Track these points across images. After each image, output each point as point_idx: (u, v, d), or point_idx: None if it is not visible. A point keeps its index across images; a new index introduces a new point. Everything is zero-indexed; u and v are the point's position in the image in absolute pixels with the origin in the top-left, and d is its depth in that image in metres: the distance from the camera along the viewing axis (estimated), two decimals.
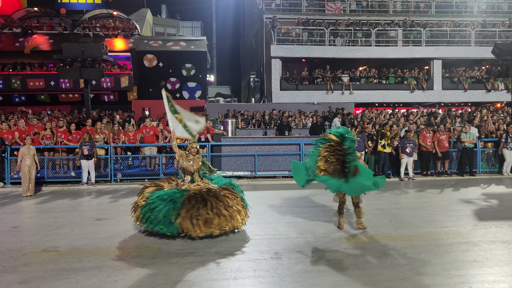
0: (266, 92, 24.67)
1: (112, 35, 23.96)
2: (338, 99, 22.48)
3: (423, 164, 13.27)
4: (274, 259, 5.66)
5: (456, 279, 4.93)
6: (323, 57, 23.23)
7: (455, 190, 10.94)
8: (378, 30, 23.71)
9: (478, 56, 23.12)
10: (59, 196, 10.66)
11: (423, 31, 23.63)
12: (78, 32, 23.96)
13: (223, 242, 6.42)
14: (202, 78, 24.00)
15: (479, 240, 6.42)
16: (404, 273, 5.13)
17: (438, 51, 23.50)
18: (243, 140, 13.70)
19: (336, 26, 23.94)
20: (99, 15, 25.20)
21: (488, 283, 4.83)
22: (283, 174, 13.37)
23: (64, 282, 4.92)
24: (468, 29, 24.14)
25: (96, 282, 4.91)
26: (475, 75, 24.22)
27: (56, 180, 12.60)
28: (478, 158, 13.64)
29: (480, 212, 8.26)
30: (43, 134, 12.66)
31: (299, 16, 24.45)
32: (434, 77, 23.68)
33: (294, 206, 9.01)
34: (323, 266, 5.36)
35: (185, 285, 4.83)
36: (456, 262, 5.48)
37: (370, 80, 23.59)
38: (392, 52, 23.47)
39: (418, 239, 6.51)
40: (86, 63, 14.12)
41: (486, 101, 23.63)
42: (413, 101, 23.68)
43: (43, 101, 22.57)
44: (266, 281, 4.95)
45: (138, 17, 27.78)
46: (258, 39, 27.72)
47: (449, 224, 7.33)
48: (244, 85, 37.97)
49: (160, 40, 24.86)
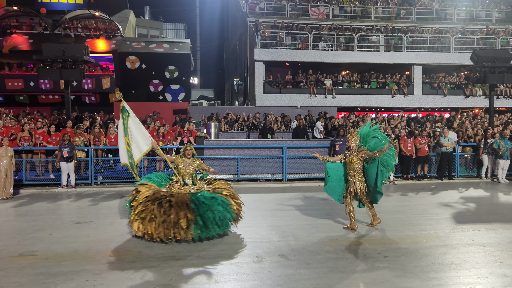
0: (249, 96, 24.70)
1: (94, 36, 23.67)
2: (321, 103, 22.65)
3: (404, 168, 13.47)
4: (256, 263, 5.65)
5: (434, 282, 5.01)
6: (306, 61, 23.40)
7: (434, 193, 11.12)
8: (360, 35, 24.02)
9: (458, 62, 23.61)
10: (37, 199, 10.45)
11: (404, 37, 24.03)
12: (59, 32, 23.59)
13: (204, 245, 6.39)
14: (185, 80, 23.89)
15: (457, 243, 6.54)
16: (384, 276, 5.19)
17: (419, 57, 23.93)
18: (226, 143, 13.69)
19: (319, 31, 24.15)
20: (80, 15, 24.86)
21: (465, 285, 4.92)
22: (265, 177, 13.39)
23: (42, 287, 4.82)
24: (448, 35, 24.65)
25: (74, 286, 4.83)
26: (454, 81, 24.72)
27: (34, 183, 12.36)
28: (457, 162, 13.92)
29: (458, 216, 8.42)
30: (21, 135, 12.40)
31: (282, 20, 24.59)
32: (414, 82, 24.09)
33: (276, 209, 9.03)
34: (304, 270, 5.38)
35: None
36: (435, 265, 5.57)
37: (353, 84, 23.84)
38: (374, 57, 23.80)
39: (398, 242, 6.59)
40: (66, 64, 13.91)
41: (465, 106, 24.13)
42: (394, 106, 24.04)
43: (22, 102, 22.13)
44: (248, 285, 4.94)
45: (120, 18, 27.51)
46: (242, 43, 27.76)
47: (428, 228, 7.45)
48: (227, 88, 37.91)
49: (143, 42, 24.67)
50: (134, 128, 7.47)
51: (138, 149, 7.47)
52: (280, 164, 13.43)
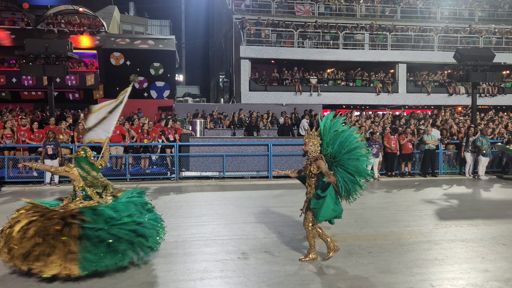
0: (235, 93, 24.66)
1: (77, 31, 23.29)
2: (306, 100, 22.74)
3: (388, 165, 13.62)
4: (241, 259, 5.66)
5: (417, 277, 5.08)
6: (292, 59, 23.44)
7: (418, 190, 11.27)
8: (345, 33, 24.15)
9: (441, 60, 23.96)
10: (20, 196, 10.24)
11: (388, 35, 24.25)
12: (41, 28, 23.14)
13: (191, 242, 6.37)
14: (170, 77, 23.72)
15: (440, 239, 6.64)
16: (368, 271, 5.24)
17: (403, 55, 24.18)
18: (212, 141, 13.64)
19: (305, 28, 24.22)
20: (64, 11, 24.44)
21: (447, 280, 5.00)
22: (251, 174, 13.39)
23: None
24: (432, 34, 24.95)
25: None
26: (438, 79, 25.06)
27: (17, 180, 12.15)
28: (440, 159, 14.12)
29: (441, 212, 8.55)
30: (3, 133, 12.18)
31: (268, 17, 24.58)
32: (399, 80, 24.35)
33: (262, 206, 9.04)
34: (290, 266, 5.41)
35: (151, 286, 4.76)
36: (418, 261, 5.65)
37: (338, 82, 23.99)
38: (359, 55, 23.97)
39: (382, 238, 6.67)
40: (50, 60, 13.68)
41: (448, 104, 24.49)
42: (379, 104, 24.27)
43: (4, 98, 21.70)
44: (233, 281, 4.94)
45: (105, 14, 27.15)
46: (228, 40, 27.68)
47: (411, 224, 7.55)
48: (213, 85, 37.80)
49: (127, 38, 24.37)
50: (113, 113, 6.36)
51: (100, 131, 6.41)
52: (266, 161, 13.45)
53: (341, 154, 5.39)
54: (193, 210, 8.80)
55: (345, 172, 5.32)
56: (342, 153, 5.38)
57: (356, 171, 5.31)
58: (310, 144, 5.52)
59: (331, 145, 5.49)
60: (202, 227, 7.33)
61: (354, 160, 5.33)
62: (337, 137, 5.50)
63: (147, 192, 10.74)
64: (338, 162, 5.40)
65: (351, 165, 5.31)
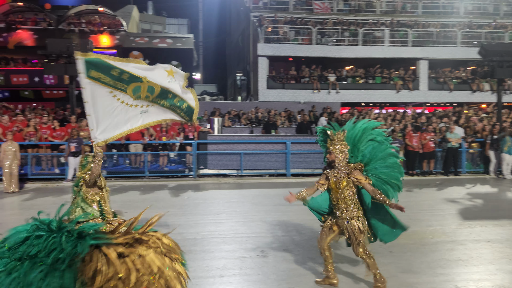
0: (252, 91, 24.59)
1: (97, 31, 23.61)
2: (324, 98, 22.50)
3: (409, 163, 13.36)
4: (260, 257, 5.61)
5: (441, 278, 4.94)
6: (310, 56, 23.24)
7: (440, 189, 11.03)
8: (365, 29, 23.83)
9: (464, 57, 23.34)
10: (43, 193, 10.47)
11: (409, 31, 23.81)
12: (63, 28, 23.54)
13: (209, 239, 6.35)
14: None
15: (464, 239, 6.46)
16: (389, 271, 5.12)
17: (424, 51, 23.70)
18: (229, 139, 13.62)
19: (323, 25, 23.98)
20: (84, 11, 24.82)
21: (473, 281, 4.85)
22: (269, 172, 13.32)
23: None
24: (455, 29, 24.40)
25: None
26: (460, 75, 24.50)
27: (40, 177, 12.37)
28: (463, 158, 13.79)
29: (465, 212, 8.33)
30: (27, 131, 12.43)
31: (286, 14, 24.43)
32: (420, 77, 23.88)
33: (280, 204, 8.95)
34: (308, 264, 5.33)
35: None
36: (441, 261, 5.50)
37: (357, 79, 23.68)
38: (378, 52, 23.60)
39: (404, 238, 6.48)
40: (71, 59, 13.87)
41: (471, 101, 23.91)
42: (399, 101, 23.85)
43: (27, 97, 22.14)
44: (252, 279, 4.90)
45: (124, 13, 27.44)
46: (245, 38, 27.63)
47: (434, 223, 7.37)
48: (230, 83, 37.81)
49: (146, 37, 24.61)
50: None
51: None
52: (284, 159, 13.35)
53: (372, 161, 4.70)
54: (211, 207, 8.79)
55: (379, 181, 4.69)
56: (375, 160, 4.69)
57: (387, 180, 4.70)
58: (337, 151, 4.54)
59: (362, 151, 4.72)
60: (220, 224, 7.30)
61: (386, 168, 4.68)
62: (367, 142, 4.75)
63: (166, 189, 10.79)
64: (368, 171, 4.70)
65: (384, 174, 4.69)
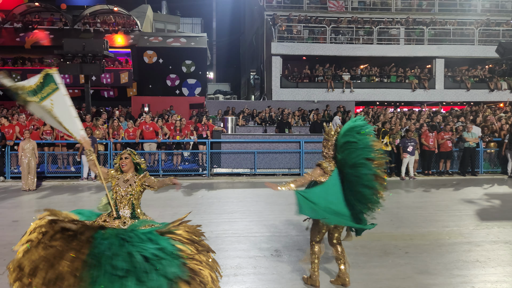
0: (266, 90, 24.57)
1: (112, 31, 23.85)
2: (338, 97, 22.37)
3: (425, 163, 13.19)
4: (274, 257, 5.59)
5: (458, 279, 4.86)
6: (324, 55, 23.11)
7: (456, 189, 10.86)
8: (380, 28, 23.60)
9: (482, 55, 22.97)
10: (59, 191, 10.61)
11: (425, 29, 23.51)
12: (78, 27, 23.84)
13: (223, 238, 6.35)
14: (202, 75, 23.91)
15: (482, 240, 6.35)
16: (405, 272, 5.06)
17: (441, 49, 23.37)
18: (243, 138, 13.62)
19: (338, 24, 23.82)
20: (99, 10, 25.10)
21: (490, 283, 4.76)
22: (283, 172, 13.29)
23: None
24: (472, 27, 24.01)
25: None
26: (478, 74, 24.10)
27: (56, 175, 12.54)
28: (481, 157, 13.56)
29: (482, 212, 8.18)
30: (43, 129, 12.61)
31: (300, 13, 24.34)
32: (436, 76, 23.58)
33: (294, 203, 8.90)
34: (323, 264, 5.28)
35: None
36: (458, 262, 5.41)
37: (372, 78, 23.48)
38: (394, 51, 23.35)
39: (419, 238, 6.43)
40: (86, 59, 14.05)
41: (489, 100, 23.50)
42: (414, 100, 23.59)
43: None
44: (266, 278, 4.88)
45: (138, 13, 27.66)
46: (259, 36, 27.61)
47: (450, 224, 7.26)
48: (244, 82, 37.85)
49: (160, 37, 24.76)
50: (64, 105, 4.86)
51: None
52: (298, 159, 13.30)
53: (345, 167, 4.33)
54: (225, 206, 8.80)
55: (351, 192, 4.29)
56: (347, 166, 4.31)
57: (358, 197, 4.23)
58: (323, 146, 4.74)
59: (340, 152, 4.43)
60: (234, 223, 7.30)
61: (355, 178, 4.22)
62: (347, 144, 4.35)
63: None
64: (345, 176, 4.37)
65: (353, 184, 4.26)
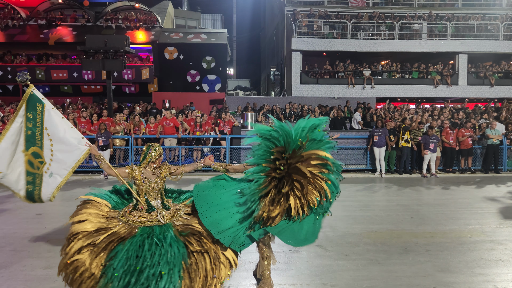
0: (286, 86, 24.52)
1: (133, 27, 24.13)
2: (359, 93, 22.17)
3: (446, 160, 12.99)
4: (293, 252, 5.61)
5: (480, 278, 4.81)
6: (345, 51, 22.90)
7: (479, 187, 10.67)
8: (401, 23, 23.25)
9: (507, 50, 22.45)
10: (81, 185, 10.84)
11: (448, 24, 23.05)
12: (100, 24, 24.21)
13: None
14: (222, 71, 23.99)
15: (505, 239, 6.24)
16: (426, 270, 5.03)
17: (464, 45, 22.88)
18: None
19: (359, 19, 23.56)
20: (121, 7, 25.41)
21: None
22: None
23: None
24: (497, 22, 23.43)
25: None
26: (502, 70, 23.52)
27: (78, 170, 12.77)
28: (504, 155, 13.27)
29: (505, 211, 8.03)
30: None
31: (320, 9, 24.15)
32: (459, 72, 23.11)
33: None
34: (342, 261, 5.29)
35: None
36: (480, 261, 5.34)
37: (393, 74, 23.17)
38: (416, 46, 22.98)
39: (441, 236, 6.36)
40: (108, 55, 14.27)
41: None
42: (436, 97, 23.18)
43: (66, 92, 22.93)
44: (285, 274, 4.92)
45: (159, 9, 27.88)
46: (279, 32, 27.53)
47: (472, 222, 7.15)
48: (263, 78, 37.82)
49: (181, 33, 24.92)
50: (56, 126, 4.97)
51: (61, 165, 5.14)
52: None
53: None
54: None
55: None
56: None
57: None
58: None
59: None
60: None
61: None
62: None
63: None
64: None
65: None
